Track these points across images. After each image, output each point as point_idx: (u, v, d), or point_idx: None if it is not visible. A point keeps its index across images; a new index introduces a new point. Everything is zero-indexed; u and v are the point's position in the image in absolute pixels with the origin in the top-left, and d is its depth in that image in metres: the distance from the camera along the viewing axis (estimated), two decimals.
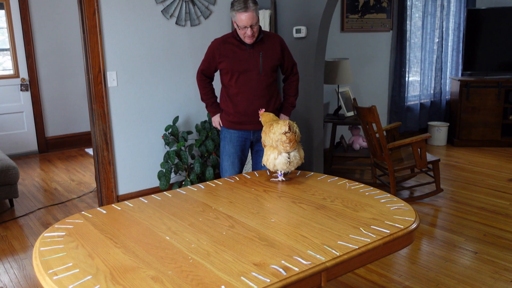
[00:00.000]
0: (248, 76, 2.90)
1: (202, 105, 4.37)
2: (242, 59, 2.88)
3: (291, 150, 2.22)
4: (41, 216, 4.03)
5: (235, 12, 2.74)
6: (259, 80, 2.91)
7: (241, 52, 2.89)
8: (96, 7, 3.68)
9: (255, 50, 2.89)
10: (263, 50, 2.90)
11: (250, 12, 2.71)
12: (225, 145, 3.10)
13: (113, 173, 3.96)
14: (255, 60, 2.89)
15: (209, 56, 2.99)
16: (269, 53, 2.91)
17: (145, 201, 2.07)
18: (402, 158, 4.21)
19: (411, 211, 1.85)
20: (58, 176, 5.25)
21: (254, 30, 2.78)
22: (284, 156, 2.22)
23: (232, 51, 2.90)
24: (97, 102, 3.81)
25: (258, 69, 2.89)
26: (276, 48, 2.94)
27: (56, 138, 6.40)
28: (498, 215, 3.76)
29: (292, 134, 2.18)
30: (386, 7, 5.69)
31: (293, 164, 2.25)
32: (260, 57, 2.88)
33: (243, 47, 2.89)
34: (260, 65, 2.89)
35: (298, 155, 2.25)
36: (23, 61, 6.03)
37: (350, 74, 4.79)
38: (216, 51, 2.94)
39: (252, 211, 1.90)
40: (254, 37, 2.82)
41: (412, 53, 6.11)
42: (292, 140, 2.18)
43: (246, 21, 2.72)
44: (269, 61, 2.91)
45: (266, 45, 2.92)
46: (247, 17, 2.71)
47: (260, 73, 2.90)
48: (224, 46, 2.92)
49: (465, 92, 5.94)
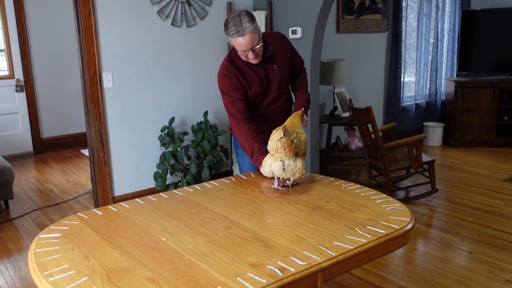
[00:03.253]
0: (269, 94, 2.56)
1: (198, 106, 4.37)
2: (261, 81, 2.50)
3: (285, 158, 2.10)
4: (36, 218, 4.01)
5: (230, 37, 2.33)
6: (279, 92, 2.58)
7: (256, 73, 2.49)
8: (91, 8, 3.67)
9: (268, 66, 2.52)
10: (276, 62, 2.53)
11: (247, 35, 2.28)
12: (245, 161, 2.72)
13: (109, 174, 3.96)
14: (272, 77, 2.53)
15: (231, 88, 2.47)
16: (282, 63, 2.56)
17: (141, 202, 2.07)
18: (397, 158, 4.23)
19: (407, 212, 1.86)
20: (53, 177, 5.23)
21: (256, 52, 2.38)
22: (278, 163, 2.11)
23: (247, 74, 2.49)
24: (93, 103, 3.80)
25: (278, 83, 2.55)
26: (286, 52, 2.59)
27: (51, 139, 6.38)
28: (493, 215, 3.78)
29: (287, 141, 2.05)
30: (382, 8, 5.70)
31: (288, 172, 2.12)
32: (276, 72, 2.53)
33: (255, 67, 2.49)
34: (279, 79, 2.54)
35: (294, 164, 2.10)
36: (18, 61, 6.01)
37: (346, 75, 4.80)
38: (233, 77, 2.46)
39: (248, 212, 1.91)
40: (260, 56, 2.43)
41: (407, 54, 6.14)
42: (286, 147, 2.06)
43: (245, 45, 2.32)
44: (285, 70, 2.58)
45: (277, 55, 2.55)
46: (244, 41, 2.30)
47: (280, 87, 2.57)
48: (236, 71, 2.47)
49: (460, 92, 5.96)
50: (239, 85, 2.46)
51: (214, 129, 4.17)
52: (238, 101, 2.47)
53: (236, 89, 2.46)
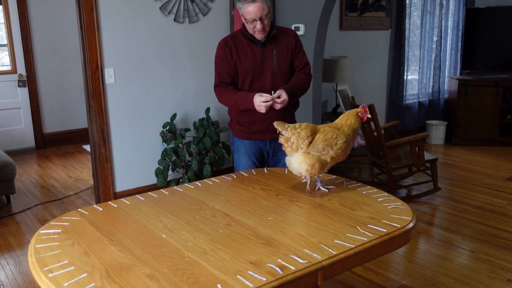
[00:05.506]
0: (262, 78, 2.56)
1: (200, 102, 4.37)
2: (254, 60, 2.54)
3: (290, 155, 2.08)
4: (38, 213, 4.02)
5: (242, 3, 2.40)
6: (274, 82, 2.57)
7: (252, 51, 2.55)
8: (94, 3, 3.66)
9: (267, 49, 2.55)
10: (277, 47, 2.56)
11: (258, 2, 2.37)
12: (240, 158, 2.76)
13: (110, 170, 3.95)
14: (268, 60, 2.55)
15: (221, 59, 2.58)
16: (283, 51, 2.57)
17: (142, 198, 2.06)
18: (400, 156, 4.21)
19: (408, 210, 1.85)
20: (55, 172, 5.23)
21: (264, 24, 2.44)
22: (287, 159, 2.12)
23: (243, 50, 2.55)
24: (95, 98, 3.79)
25: (273, 70, 2.56)
26: (290, 44, 2.59)
27: (53, 135, 6.39)
28: (495, 214, 3.76)
29: (284, 137, 2.04)
30: (385, 5, 5.68)
31: (293, 169, 2.08)
32: (274, 56, 2.55)
33: (254, 46, 2.55)
34: (275, 65, 2.55)
35: (295, 162, 2.05)
36: (20, 57, 6.01)
37: (349, 73, 4.78)
38: (227, 49, 2.55)
39: (249, 209, 1.90)
40: (266, 32, 2.49)
41: (410, 52, 6.11)
42: (284, 143, 2.05)
43: (254, 13, 2.39)
44: (285, 59, 2.58)
45: (280, 42, 2.57)
46: (255, 8, 2.37)
47: (275, 74, 2.57)
48: (233, 44, 2.55)
49: (463, 91, 5.94)
50: (229, 58, 2.55)
51: (216, 125, 4.16)
52: (223, 72, 2.58)
53: (226, 60, 2.56)
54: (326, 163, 2.04)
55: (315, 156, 2.02)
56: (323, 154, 2.02)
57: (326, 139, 2.02)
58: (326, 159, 2.03)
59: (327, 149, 2.02)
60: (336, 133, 2.03)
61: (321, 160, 2.03)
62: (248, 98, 2.47)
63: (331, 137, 2.02)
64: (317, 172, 2.04)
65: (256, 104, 2.43)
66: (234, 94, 2.54)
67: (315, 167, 2.03)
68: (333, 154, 2.03)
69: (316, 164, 2.02)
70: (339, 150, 2.03)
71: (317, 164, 2.02)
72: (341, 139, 2.03)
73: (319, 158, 2.02)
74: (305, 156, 2.02)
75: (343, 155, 2.06)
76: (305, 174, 2.07)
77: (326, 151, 2.02)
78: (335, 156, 2.03)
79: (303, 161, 2.03)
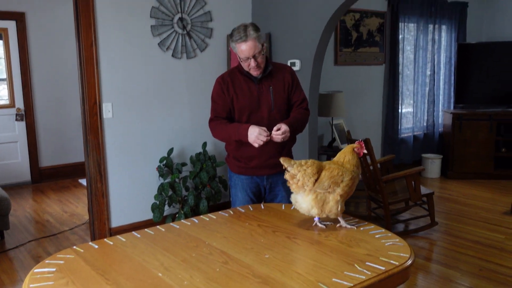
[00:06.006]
0: (259, 114, 2.57)
1: (197, 136, 4.39)
2: (251, 96, 2.56)
3: (296, 192, 2.06)
4: (31, 249, 3.96)
5: (235, 43, 2.45)
6: (271, 117, 2.57)
7: (249, 88, 2.57)
8: (93, 39, 3.73)
9: (264, 85, 2.58)
10: (273, 84, 2.58)
11: (250, 40, 2.41)
12: (237, 193, 2.74)
13: (106, 205, 3.93)
14: (265, 96, 2.57)
15: (218, 95, 2.61)
16: (279, 87, 2.60)
17: (138, 235, 2.04)
18: (396, 190, 4.21)
19: (406, 247, 1.84)
20: (50, 207, 5.19)
21: (258, 61, 2.47)
22: (292, 196, 2.10)
23: (239, 86, 2.57)
24: (92, 133, 3.81)
25: (270, 106, 2.57)
26: (286, 80, 2.62)
27: (49, 168, 6.37)
28: (493, 249, 3.74)
29: (290, 174, 2.03)
30: (379, 41, 5.80)
31: (300, 209, 2.06)
32: (271, 92, 2.57)
33: (251, 82, 2.58)
34: (272, 101, 2.57)
35: (302, 202, 2.03)
36: (19, 90, 6.06)
37: (344, 107, 4.84)
38: (224, 85, 2.58)
39: (246, 247, 1.89)
40: (261, 68, 2.52)
41: (404, 86, 6.20)
42: (290, 179, 2.03)
43: (247, 51, 2.43)
44: (281, 95, 2.59)
45: (276, 78, 2.60)
46: (248, 47, 2.42)
47: (272, 110, 2.58)
48: (230, 80, 2.59)
49: (457, 124, 6.00)
50: (226, 94, 2.57)
51: (213, 160, 4.17)
52: (219, 108, 2.61)
53: (222, 96, 2.58)
54: (337, 202, 2.02)
55: (323, 197, 2.00)
56: (330, 192, 2.00)
57: (332, 176, 2.00)
58: (335, 198, 2.01)
59: (333, 186, 2.00)
60: (341, 170, 2.02)
61: (330, 200, 2.01)
62: (242, 128, 2.47)
63: (337, 174, 2.00)
64: (328, 213, 2.03)
65: (253, 135, 2.41)
66: (227, 125, 2.56)
67: (324, 209, 2.01)
68: (340, 191, 2.01)
69: (325, 206, 2.01)
70: (346, 187, 2.01)
71: (326, 206, 2.01)
72: (347, 175, 2.02)
73: (327, 198, 2.01)
74: (315, 199, 2.00)
75: (350, 191, 2.05)
76: (317, 217, 2.05)
77: (332, 188, 2.00)
78: (343, 193, 2.01)
79: (313, 205, 2.01)
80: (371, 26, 5.67)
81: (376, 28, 5.73)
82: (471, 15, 6.75)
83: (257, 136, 2.40)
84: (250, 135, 2.42)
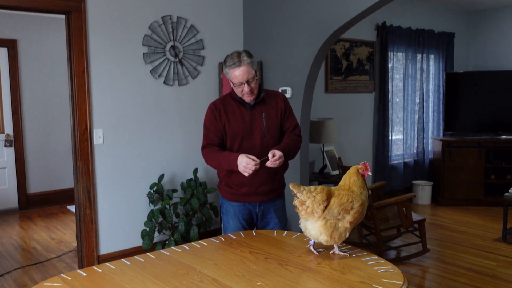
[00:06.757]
0: (252, 140, 2.57)
1: (188, 163, 4.37)
2: (244, 122, 2.56)
3: (305, 219, 2.04)
4: (17, 277, 3.86)
5: (228, 68, 2.46)
6: (264, 143, 2.57)
7: (241, 114, 2.57)
8: (85, 66, 3.74)
9: (256, 111, 2.58)
10: (266, 110, 2.59)
11: (244, 66, 2.43)
12: (228, 220, 2.71)
13: (95, 232, 3.87)
14: (258, 122, 2.57)
15: (210, 121, 2.59)
16: (272, 113, 2.61)
17: (127, 262, 2.01)
18: (388, 217, 4.20)
19: (399, 274, 1.82)
20: (37, 234, 5.09)
21: (252, 86, 2.48)
22: (302, 222, 2.08)
23: (232, 113, 2.57)
24: (82, 159, 3.78)
25: (262, 132, 2.57)
26: (279, 106, 2.63)
27: (37, 195, 6.28)
28: (485, 276, 3.72)
29: (299, 200, 2.01)
30: (369, 69, 5.89)
31: (310, 235, 2.04)
32: (264, 119, 2.58)
33: (243, 108, 2.58)
34: (264, 127, 2.57)
35: (312, 228, 2.01)
36: (9, 116, 6.02)
37: (335, 134, 4.87)
38: (216, 111, 2.58)
39: (237, 274, 1.86)
40: (254, 94, 2.53)
41: (394, 113, 6.27)
42: (299, 206, 2.01)
43: (241, 77, 2.44)
44: (274, 121, 2.60)
45: (269, 104, 2.61)
46: (241, 72, 2.43)
47: (264, 136, 2.58)
48: (222, 106, 2.59)
49: (447, 151, 6.05)
50: (218, 120, 2.57)
51: (204, 186, 4.15)
52: (211, 134, 2.59)
53: (214, 123, 2.58)
54: (345, 230, 2.00)
55: (333, 224, 1.98)
56: (339, 219, 1.98)
57: (342, 203, 1.98)
58: (345, 225, 1.99)
59: (343, 214, 1.98)
60: (351, 197, 2.00)
61: (340, 227, 1.99)
62: (232, 158, 2.45)
63: (347, 201, 1.99)
64: (337, 241, 2.01)
65: (242, 165, 2.39)
66: (218, 154, 2.54)
67: (334, 236, 1.99)
68: (350, 218, 1.99)
69: (334, 233, 1.99)
70: (356, 214, 2.00)
71: (335, 233, 1.99)
72: (357, 202, 2.00)
73: (337, 225, 1.99)
74: (324, 225, 1.98)
75: (360, 217, 2.04)
76: (325, 244, 2.04)
77: (341, 216, 1.98)
78: (353, 220, 2.00)
79: (322, 231, 1.99)
80: (360, 55, 5.77)
81: (365, 57, 5.83)
82: (458, 45, 6.91)
83: (245, 166, 2.38)
84: (239, 164, 2.41)
